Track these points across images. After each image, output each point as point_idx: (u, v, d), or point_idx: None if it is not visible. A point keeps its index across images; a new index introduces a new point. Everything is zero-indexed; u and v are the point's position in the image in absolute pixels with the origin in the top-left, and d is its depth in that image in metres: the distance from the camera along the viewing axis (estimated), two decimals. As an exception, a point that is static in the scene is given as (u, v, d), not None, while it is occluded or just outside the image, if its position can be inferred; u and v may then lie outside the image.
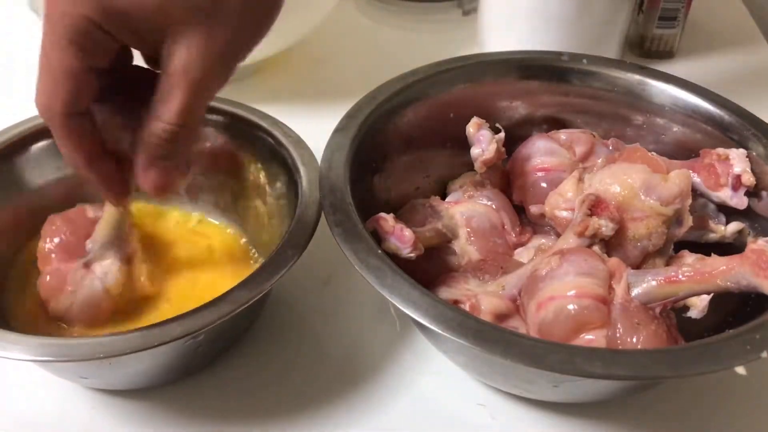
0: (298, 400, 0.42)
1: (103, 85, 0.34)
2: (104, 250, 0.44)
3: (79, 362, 0.37)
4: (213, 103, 0.38)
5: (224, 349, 0.44)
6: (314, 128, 0.48)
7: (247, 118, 0.49)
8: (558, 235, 0.44)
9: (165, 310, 0.44)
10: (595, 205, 0.41)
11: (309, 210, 0.42)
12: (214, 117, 0.49)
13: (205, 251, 0.49)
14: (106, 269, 0.43)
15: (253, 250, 0.49)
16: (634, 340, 0.36)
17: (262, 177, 0.49)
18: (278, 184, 0.47)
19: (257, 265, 0.41)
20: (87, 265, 0.43)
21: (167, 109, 0.33)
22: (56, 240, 0.44)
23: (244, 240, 0.50)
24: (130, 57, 0.36)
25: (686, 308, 0.42)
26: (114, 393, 0.43)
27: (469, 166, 0.48)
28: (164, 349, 0.36)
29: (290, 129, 0.48)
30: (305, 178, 0.44)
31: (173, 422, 0.41)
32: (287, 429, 0.41)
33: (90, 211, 0.46)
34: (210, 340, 0.41)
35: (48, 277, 0.43)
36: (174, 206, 0.51)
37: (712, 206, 0.46)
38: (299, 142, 0.47)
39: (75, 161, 0.36)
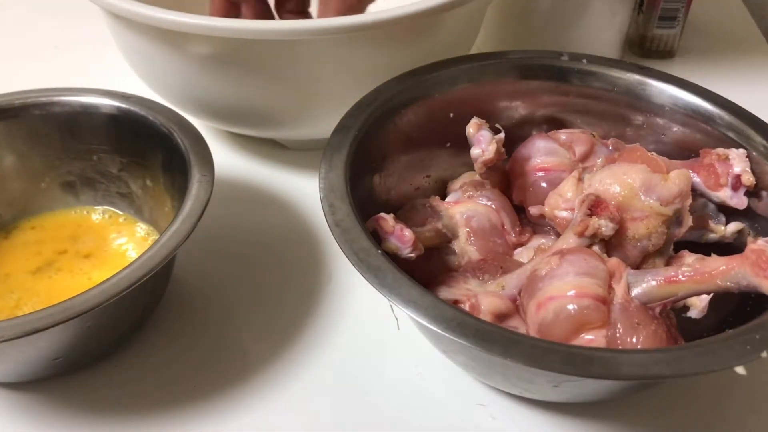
0: (294, 400, 0.43)
1: None
2: None
3: None
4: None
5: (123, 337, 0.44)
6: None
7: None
8: (558, 235, 0.44)
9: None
10: (595, 205, 0.41)
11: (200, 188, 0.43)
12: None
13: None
14: None
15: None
16: (634, 340, 0.36)
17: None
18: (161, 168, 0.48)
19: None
20: None
21: None
22: None
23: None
24: None
25: (686, 308, 0.42)
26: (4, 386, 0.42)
27: (469, 166, 0.48)
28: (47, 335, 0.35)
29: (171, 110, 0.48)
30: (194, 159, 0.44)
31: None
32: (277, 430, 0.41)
33: None
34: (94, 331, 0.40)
35: None
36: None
37: (712, 206, 0.46)
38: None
39: None
